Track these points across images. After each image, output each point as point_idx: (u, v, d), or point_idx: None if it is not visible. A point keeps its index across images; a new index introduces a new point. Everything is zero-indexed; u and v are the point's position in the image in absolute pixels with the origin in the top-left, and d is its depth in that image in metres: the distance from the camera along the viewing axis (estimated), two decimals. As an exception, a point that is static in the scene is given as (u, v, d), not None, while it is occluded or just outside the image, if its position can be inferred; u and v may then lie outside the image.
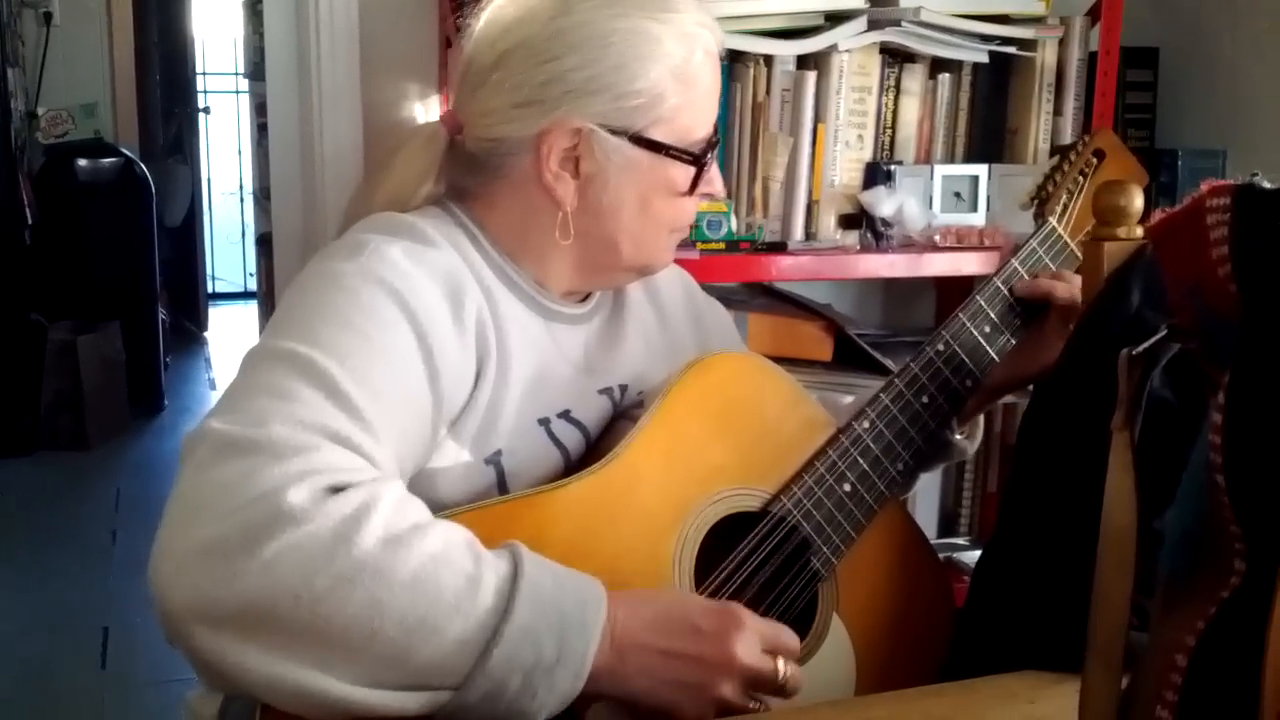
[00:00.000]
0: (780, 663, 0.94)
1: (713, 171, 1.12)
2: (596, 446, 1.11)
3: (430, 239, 1.04)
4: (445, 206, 1.12)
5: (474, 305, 1.03)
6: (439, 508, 0.90)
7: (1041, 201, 1.29)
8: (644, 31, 1.05)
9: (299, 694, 0.80)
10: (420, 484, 0.97)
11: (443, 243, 1.05)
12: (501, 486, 1.04)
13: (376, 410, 0.91)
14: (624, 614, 0.89)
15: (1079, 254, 1.24)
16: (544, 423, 1.08)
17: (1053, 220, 1.26)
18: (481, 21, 1.11)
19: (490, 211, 1.11)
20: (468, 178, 1.12)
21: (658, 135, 1.07)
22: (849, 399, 1.43)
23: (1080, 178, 1.29)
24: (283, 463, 0.83)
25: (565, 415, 1.10)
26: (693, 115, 1.08)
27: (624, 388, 1.16)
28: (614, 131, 1.05)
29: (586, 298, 1.18)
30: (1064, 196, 1.28)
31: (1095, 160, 1.30)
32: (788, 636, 0.97)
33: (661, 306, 1.26)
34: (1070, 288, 1.21)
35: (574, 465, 1.09)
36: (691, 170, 1.10)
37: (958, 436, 1.27)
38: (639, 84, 1.05)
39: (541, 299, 1.12)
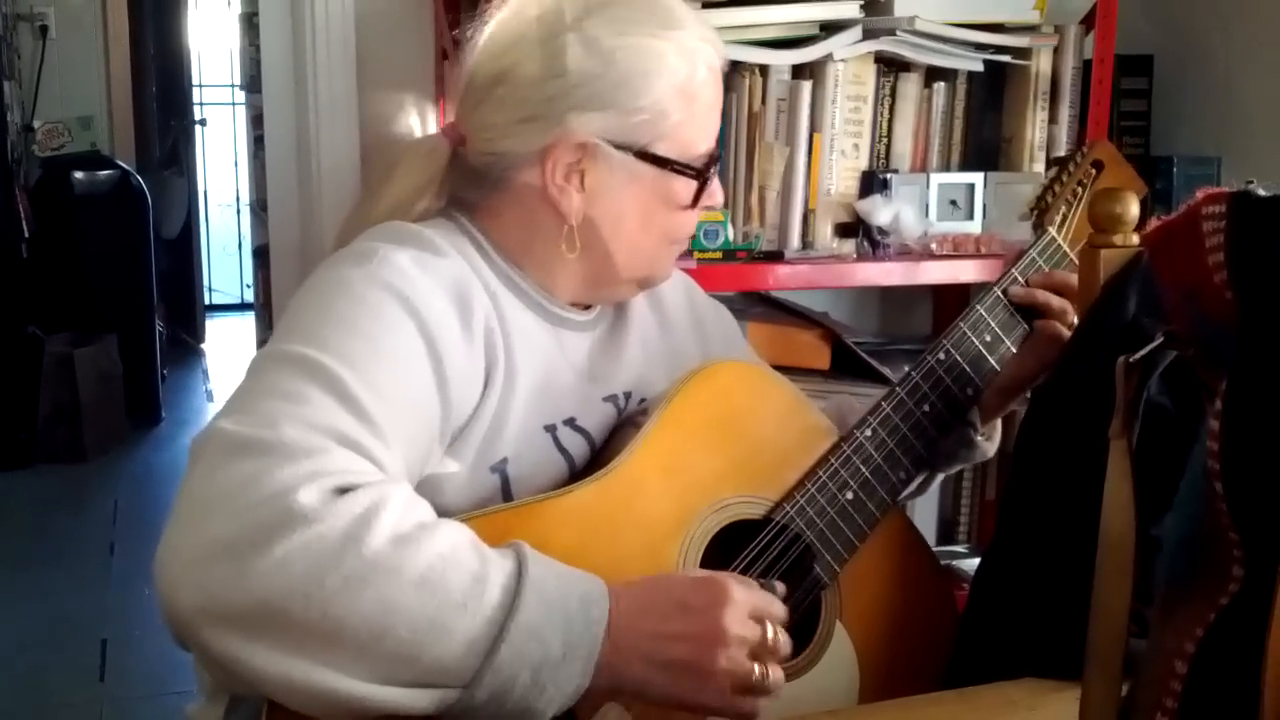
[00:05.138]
0: (769, 627, 0.94)
1: (714, 185, 1.13)
2: (600, 454, 1.12)
3: (438, 247, 1.04)
4: (451, 217, 1.12)
5: (482, 313, 1.04)
6: (443, 515, 0.91)
7: (1040, 212, 1.29)
8: (648, 48, 1.06)
9: (309, 692, 0.81)
10: (425, 491, 0.97)
11: (450, 251, 1.05)
12: (506, 494, 1.04)
13: (385, 415, 0.91)
14: (616, 606, 0.90)
15: (1078, 263, 1.24)
16: (550, 430, 1.08)
17: (1052, 230, 1.27)
18: (484, 36, 1.11)
19: (495, 222, 1.11)
20: (471, 190, 1.12)
21: (661, 150, 1.08)
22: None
23: (1079, 188, 1.29)
24: (293, 464, 0.83)
25: (570, 423, 1.10)
26: (695, 130, 1.09)
27: (628, 395, 1.17)
28: (618, 146, 1.06)
29: (590, 305, 1.19)
30: (1063, 207, 1.28)
31: (1094, 171, 1.30)
32: (775, 604, 0.97)
33: (664, 312, 1.27)
34: (1063, 301, 1.22)
35: (579, 473, 1.09)
36: (694, 184, 1.11)
37: (979, 437, 1.27)
38: (643, 100, 1.06)
39: (548, 305, 1.12)
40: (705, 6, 1.79)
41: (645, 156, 1.07)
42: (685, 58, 1.07)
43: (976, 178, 1.98)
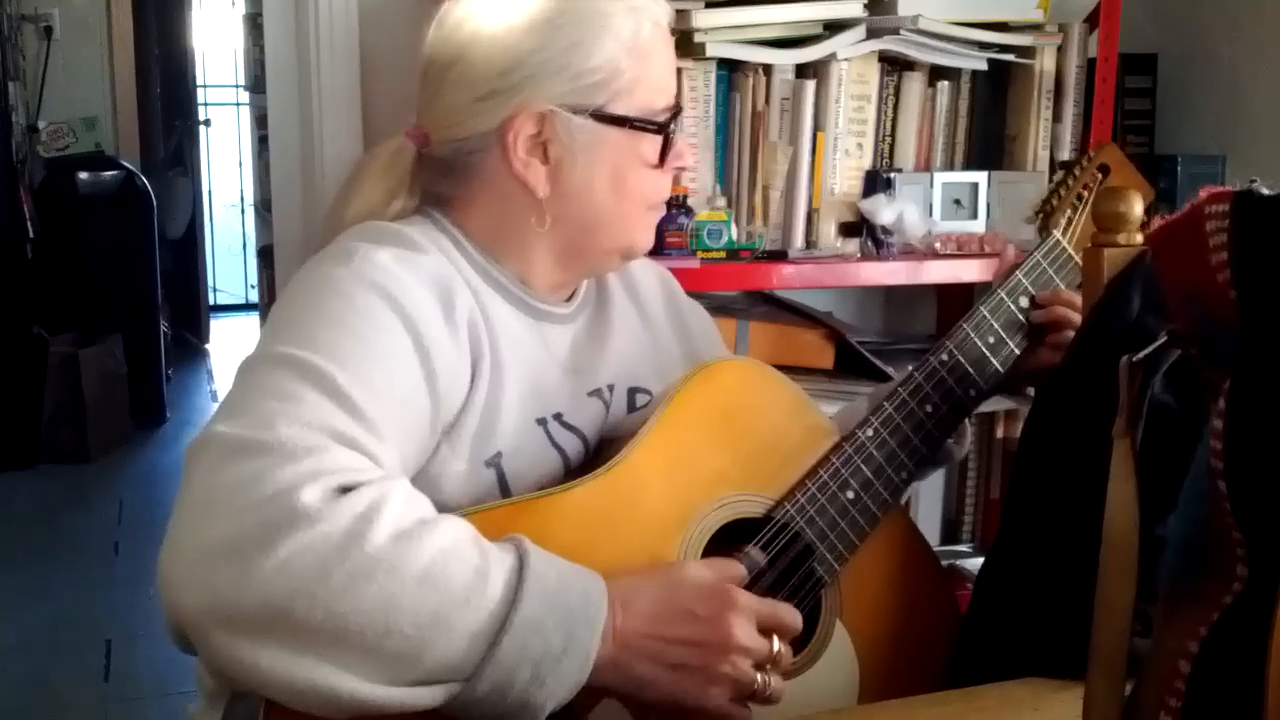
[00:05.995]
0: (775, 641, 0.95)
1: (680, 145, 1.14)
2: (599, 451, 1.12)
3: (417, 244, 1.05)
4: (426, 214, 1.13)
5: (465, 307, 1.04)
6: (442, 510, 0.91)
7: (1046, 215, 1.29)
8: (592, 9, 1.08)
9: (312, 692, 0.81)
10: (423, 487, 0.98)
11: (430, 247, 1.06)
12: (503, 489, 1.04)
13: (378, 411, 0.92)
14: (621, 605, 0.90)
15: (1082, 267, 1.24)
16: (542, 423, 1.09)
17: (1057, 233, 1.27)
18: (434, 25, 1.13)
19: (468, 211, 1.12)
20: (442, 184, 1.13)
21: (620, 109, 1.08)
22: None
23: (1085, 192, 1.29)
24: (294, 463, 0.84)
25: (559, 419, 1.10)
26: (650, 87, 1.10)
27: (611, 387, 1.17)
28: (576, 111, 1.07)
29: (571, 296, 1.19)
30: (1068, 211, 1.28)
31: (1100, 175, 1.30)
32: (785, 613, 0.98)
33: (642, 305, 1.27)
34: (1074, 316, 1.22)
35: (574, 470, 1.09)
36: (658, 141, 1.11)
37: (949, 441, 1.27)
38: (594, 61, 1.07)
39: (528, 299, 1.12)
40: (709, 6, 1.79)
41: (604, 117, 1.08)
42: (630, 16, 1.09)
43: (980, 177, 1.98)
